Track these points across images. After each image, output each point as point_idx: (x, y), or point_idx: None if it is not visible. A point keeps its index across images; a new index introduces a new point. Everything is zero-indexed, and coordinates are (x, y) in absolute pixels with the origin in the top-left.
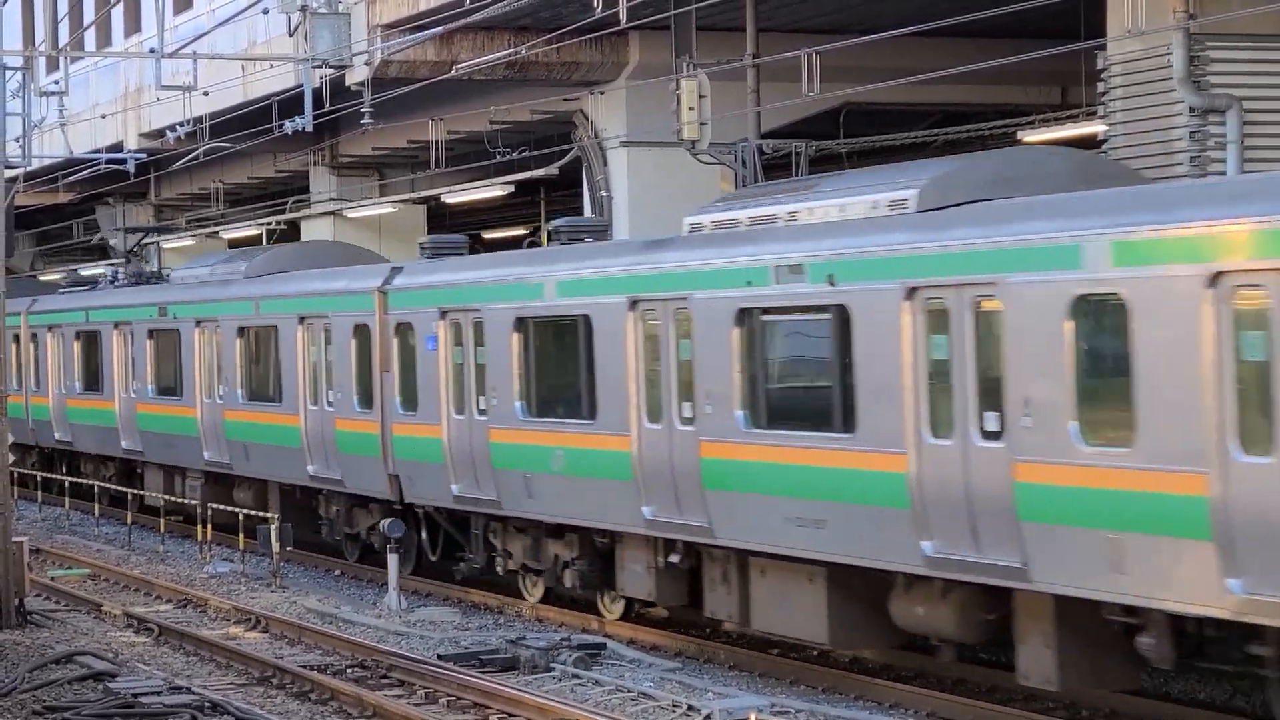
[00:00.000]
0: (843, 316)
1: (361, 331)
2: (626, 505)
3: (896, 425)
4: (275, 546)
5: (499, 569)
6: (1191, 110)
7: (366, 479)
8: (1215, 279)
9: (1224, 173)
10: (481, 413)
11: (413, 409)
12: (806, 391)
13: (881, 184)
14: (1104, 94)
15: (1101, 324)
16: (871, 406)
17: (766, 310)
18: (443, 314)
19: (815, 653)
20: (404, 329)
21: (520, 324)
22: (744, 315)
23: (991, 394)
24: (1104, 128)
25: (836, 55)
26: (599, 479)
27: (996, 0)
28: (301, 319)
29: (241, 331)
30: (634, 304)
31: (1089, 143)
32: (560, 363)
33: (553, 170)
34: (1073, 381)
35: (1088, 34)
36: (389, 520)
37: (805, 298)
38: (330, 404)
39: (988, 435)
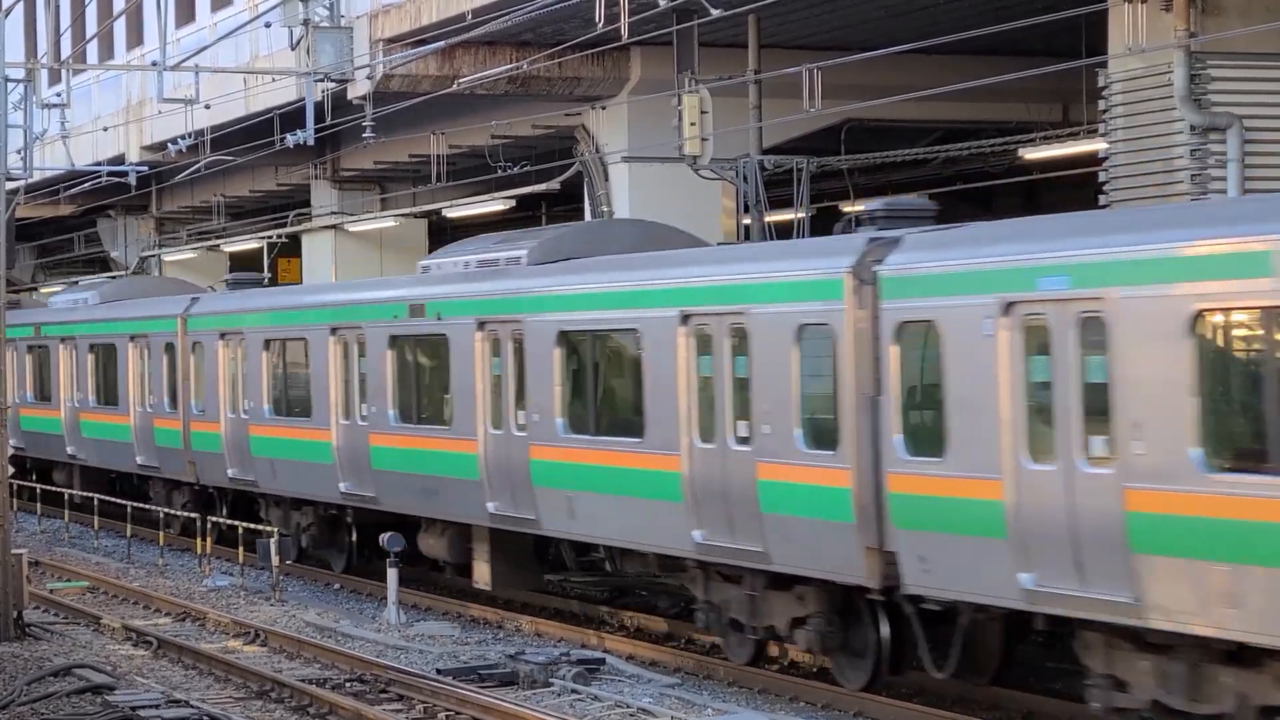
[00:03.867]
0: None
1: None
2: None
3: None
4: (275, 560)
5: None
6: (1192, 128)
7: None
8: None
9: (1225, 191)
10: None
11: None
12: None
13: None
14: (1105, 111)
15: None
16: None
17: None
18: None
19: (815, 669)
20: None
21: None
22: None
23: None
24: (1105, 145)
25: (838, 71)
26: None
27: (998, 17)
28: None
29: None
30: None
31: (1090, 160)
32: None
33: (554, 185)
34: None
35: (1089, 52)
36: (389, 535)
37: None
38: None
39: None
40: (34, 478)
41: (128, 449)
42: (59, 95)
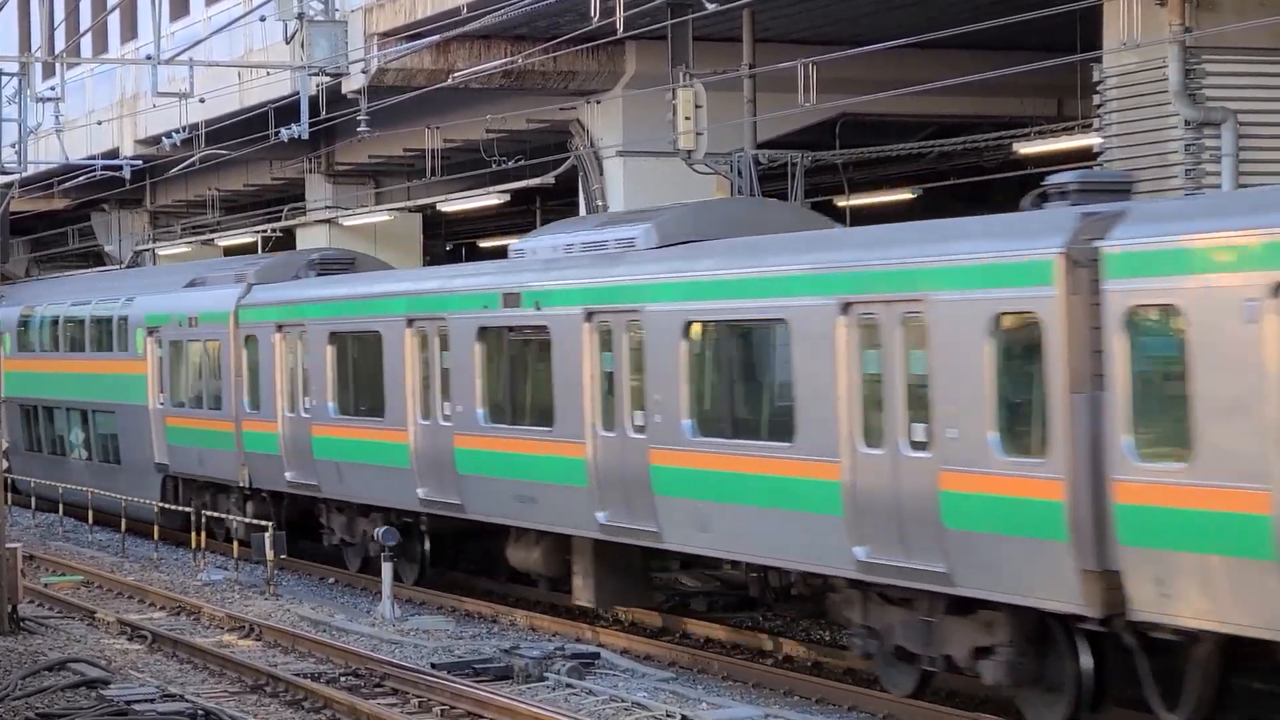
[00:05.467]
0: (255, 341)
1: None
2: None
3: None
4: (269, 554)
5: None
6: (1187, 123)
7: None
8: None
9: (1219, 186)
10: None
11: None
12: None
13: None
14: (1099, 106)
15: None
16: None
17: (253, 335)
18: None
19: (810, 663)
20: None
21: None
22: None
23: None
24: (1099, 140)
25: (833, 66)
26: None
27: (993, 12)
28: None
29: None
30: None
31: (1085, 155)
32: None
33: (549, 179)
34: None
35: (1084, 46)
36: (383, 529)
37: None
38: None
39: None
40: (426, 547)
41: (831, 528)
42: (53, 89)
